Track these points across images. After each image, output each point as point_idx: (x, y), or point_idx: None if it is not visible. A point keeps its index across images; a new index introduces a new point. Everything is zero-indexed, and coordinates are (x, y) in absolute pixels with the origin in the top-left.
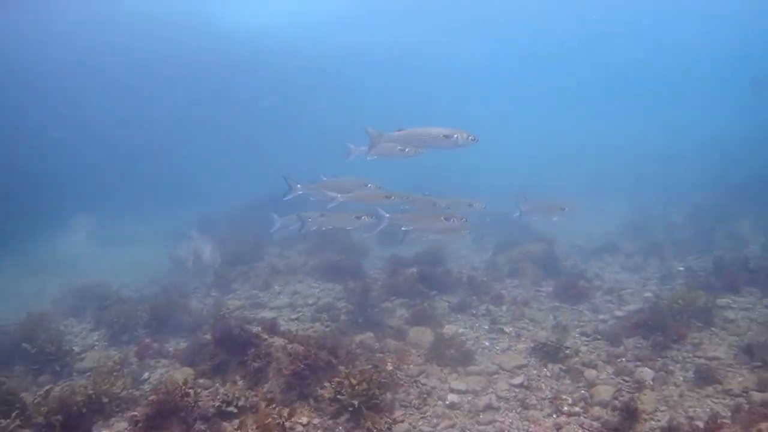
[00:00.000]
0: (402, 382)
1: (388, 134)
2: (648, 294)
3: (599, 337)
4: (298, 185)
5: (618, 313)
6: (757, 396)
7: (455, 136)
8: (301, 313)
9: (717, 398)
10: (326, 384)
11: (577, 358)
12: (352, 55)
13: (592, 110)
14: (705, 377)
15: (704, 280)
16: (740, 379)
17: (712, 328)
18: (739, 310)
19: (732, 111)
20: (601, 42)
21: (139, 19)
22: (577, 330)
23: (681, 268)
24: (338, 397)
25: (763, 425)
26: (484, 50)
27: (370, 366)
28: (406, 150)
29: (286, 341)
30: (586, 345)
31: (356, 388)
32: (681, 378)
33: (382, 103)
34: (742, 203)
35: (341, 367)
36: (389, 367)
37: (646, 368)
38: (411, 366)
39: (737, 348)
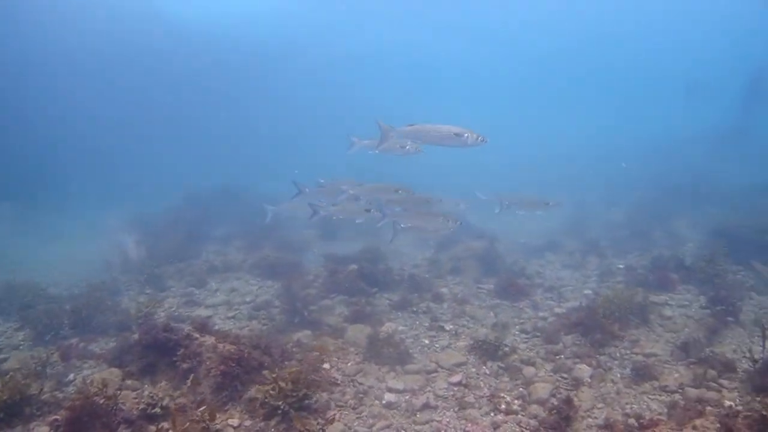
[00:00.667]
0: (338, 382)
1: (400, 129)
2: (588, 291)
3: (539, 334)
4: (306, 189)
5: (558, 310)
6: (692, 392)
7: (465, 135)
8: (238, 311)
9: (653, 395)
10: (257, 386)
11: (516, 356)
12: (291, 46)
13: (553, 111)
14: (642, 374)
15: (643, 278)
16: (676, 375)
17: (650, 325)
18: (676, 307)
19: (674, 112)
20: (565, 44)
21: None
22: (517, 327)
23: (621, 266)
24: (266, 399)
25: (697, 421)
26: (441, 47)
27: (303, 366)
28: (407, 147)
29: (217, 341)
30: (526, 342)
31: (285, 390)
32: (618, 375)
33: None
34: (680, 202)
35: (265, 372)
36: (326, 366)
37: (584, 365)
38: (349, 365)
39: (674, 345)
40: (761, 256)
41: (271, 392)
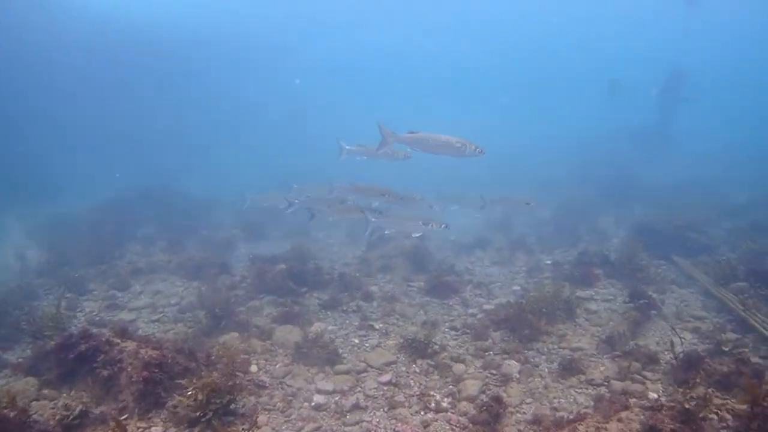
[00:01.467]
0: (266, 385)
1: (401, 135)
2: (516, 287)
3: (468, 331)
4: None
5: (487, 306)
6: (617, 385)
7: (464, 146)
8: (162, 314)
9: (580, 388)
10: (176, 394)
11: (445, 354)
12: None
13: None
14: (569, 368)
15: (569, 273)
16: (602, 368)
17: (577, 320)
18: (601, 301)
19: (597, 112)
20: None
21: None
22: (447, 325)
23: (548, 262)
24: (186, 408)
25: (623, 414)
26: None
27: (224, 373)
28: (396, 153)
29: (139, 346)
30: (455, 340)
31: (204, 397)
32: (546, 370)
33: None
34: (605, 200)
35: (183, 381)
36: (253, 369)
37: (513, 361)
38: (277, 366)
39: (599, 338)
40: (681, 251)
41: (190, 403)
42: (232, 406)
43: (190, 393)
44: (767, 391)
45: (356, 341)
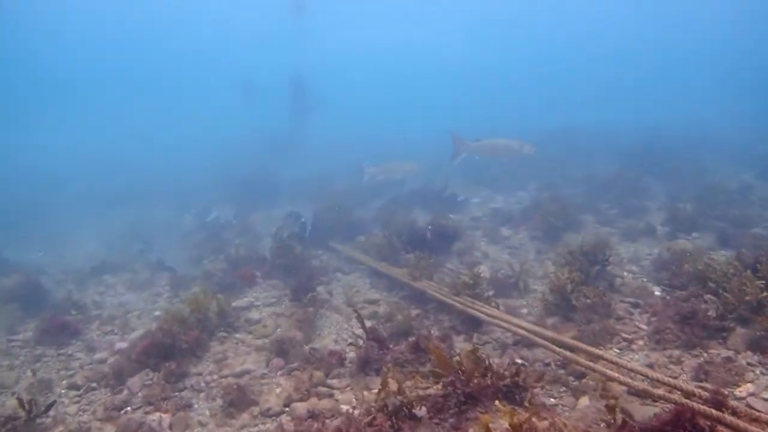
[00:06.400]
0: None
1: (471, 144)
2: (158, 312)
3: (95, 385)
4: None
5: (121, 344)
6: (300, 408)
7: (523, 146)
8: None
9: (256, 425)
10: None
11: (62, 427)
12: None
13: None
14: (237, 402)
15: (222, 281)
16: (278, 390)
17: (237, 335)
18: (263, 307)
19: (234, 114)
20: None
21: None
22: (65, 382)
23: (196, 273)
24: None
25: None
26: None
27: None
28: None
29: None
30: (77, 402)
31: None
32: (207, 412)
33: None
34: (257, 199)
35: None
36: None
37: (160, 413)
38: None
39: (268, 352)
40: (338, 236)
41: None
42: None
43: None
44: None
45: None
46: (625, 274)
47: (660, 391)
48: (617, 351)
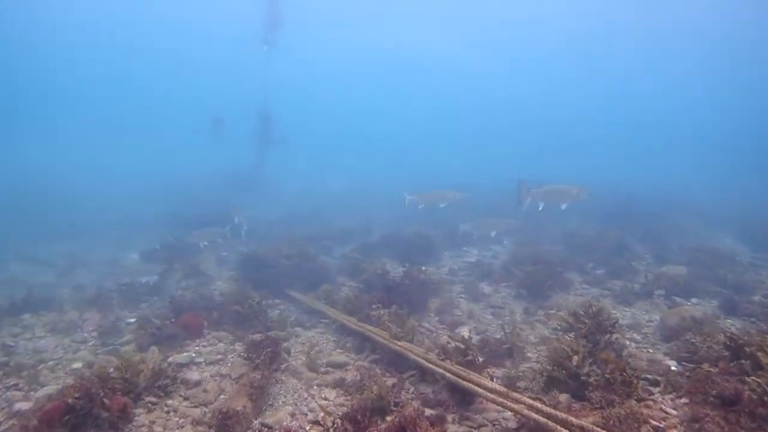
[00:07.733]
0: None
1: (535, 189)
2: (78, 365)
3: None
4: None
5: (22, 405)
6: None
7: (581, 191)
8: None
9: None
10: None
11: None
12: None
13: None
14: None
15: (158, 331)
16: None
17: (170, 401)
18: (205, 365)
19: (202, 150)
20: None
21: None
22: None
23: (131, 320)
24: None
25: None
26: None
27: None
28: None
29: None
30: None
31: None
32: None
33: None
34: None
35: None
36: None
37: None
38: None
39: (207, 426)
40: (299, 284)
41: None
42: None
43: None
44: None
45: None
46: (628, 343)
47: None
48: None
